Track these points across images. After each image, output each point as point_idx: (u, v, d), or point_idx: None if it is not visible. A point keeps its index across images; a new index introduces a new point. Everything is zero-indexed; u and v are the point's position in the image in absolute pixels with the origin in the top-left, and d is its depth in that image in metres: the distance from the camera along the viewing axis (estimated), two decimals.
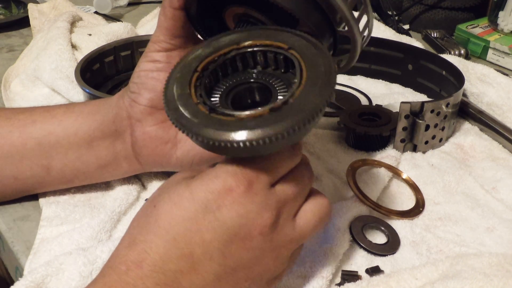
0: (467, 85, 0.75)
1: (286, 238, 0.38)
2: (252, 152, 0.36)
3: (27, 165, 0.50)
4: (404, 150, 0.64)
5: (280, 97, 0.38)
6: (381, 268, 0.47)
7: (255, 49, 0.40)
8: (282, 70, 0.40)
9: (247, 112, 0.35)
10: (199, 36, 0.50)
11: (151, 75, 0.49)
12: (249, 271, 0.37)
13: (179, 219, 0.35)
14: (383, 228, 0.52)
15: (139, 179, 0.57)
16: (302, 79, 0.37)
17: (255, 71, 0.41)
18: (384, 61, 0.82)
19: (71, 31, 0.87)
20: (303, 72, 0.37)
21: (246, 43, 0.40)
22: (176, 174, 0.40)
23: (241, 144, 0.34)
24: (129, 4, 1.18)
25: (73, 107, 0.52)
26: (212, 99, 0.39)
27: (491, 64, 0.92)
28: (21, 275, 0.44)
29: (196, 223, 0.35)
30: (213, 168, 0.37)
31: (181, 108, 0.37)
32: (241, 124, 0.35)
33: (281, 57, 0.40)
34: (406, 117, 0.62)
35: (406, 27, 1.05)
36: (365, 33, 0.50)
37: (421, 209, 0.55)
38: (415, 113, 0.62)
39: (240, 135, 0.34)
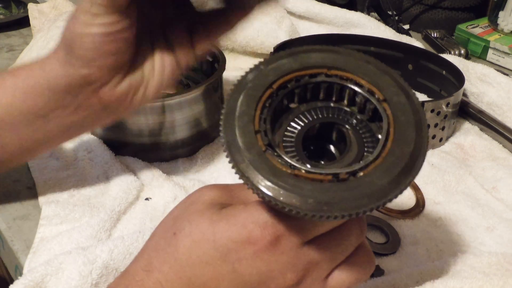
0: (467, 85, 0.74)
1: None
2: (291, 214, 0.31)
3: None
4: None
5: (351, 157, 0.33)
6: (382, 267, 0.47)
7: (347, 84, 0.34)
8: (367, 118, 0.35)
9: (305, 169, 0.31)
10: None
11: (107, 39, 0.41)
12: None
13: (197, 260, 0.34)
14: (383, 228, 0.52)
15: (139, 178, 0.57)
16: (384, 151, 0.31)
17: (338, 106, 0.35)
18: (384, 61, 0.81)
19: None
20: (387, 142, 0.32)
21: (340, 73, 0.34)
22: (202, 194, 0.37)
23: (283, 206, 0.30)
24: None
25: (3, 81, 0.47)
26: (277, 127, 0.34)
27: (491, 64, 0.92)
28: (20, 274, 0.44)
29: (214, 269, 0.33)
30: (243, 209, 0.34)
31: (237, 132, 0.32)
32: (293, 183, 0.30)
33: (370, 106, 0.34)
34: None
35: (406, 27, 1.05)
36: None
37: (421, 208, 0.55)
38: None
39: (286, 197, 0.30)
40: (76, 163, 0.59)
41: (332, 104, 0.36)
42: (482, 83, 0.74)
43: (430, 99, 0.76)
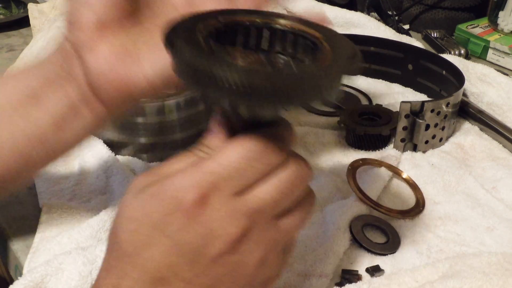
0: (467, 85, 0.74)
1: (269, 243, 0.34)
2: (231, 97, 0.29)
3: None
4: (404, 150, 0.64)
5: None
6: (381, 267, 0.47)
7: (285, 29, 0.35)
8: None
9: (240, 51, 0.30)
10: None
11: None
12: (232, 283, 0.34)
13: (142, 247, 0.32)
14: (383, 228, 0.52)
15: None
16: (320, 53, 0.32)
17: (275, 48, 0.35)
18: (384, 61, 0.82)
19: None
20: (323, 46, 0.32)
21: (280, 20, 0.35)
22: (130, 186, 0.35)
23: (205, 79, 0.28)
24: None
25: (20, 72, 0.44)
26: None
27: (491, 64, 0.92)
28: (20, 274, 0.44)
29: (158, 249, 0.32)
30: (166, 180, 0.33)
31: (178, 39, 0.30)
32: (223, 57, 0.29)
33: (305, 42, 0.35)
34: (406, 116, 0.62)
35: (406, 27, 1.05)
36: None
37: (421, 208, 0.55)
38: (415, 112, 0.62)
39: (212, 65, 0.28)
40: (76, 163, 0.59)
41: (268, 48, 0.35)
42: (482, 83, 0.74)
43: (430, 99, 0.76)
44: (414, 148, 0.65)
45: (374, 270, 0.47)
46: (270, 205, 0.33)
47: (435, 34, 0.98)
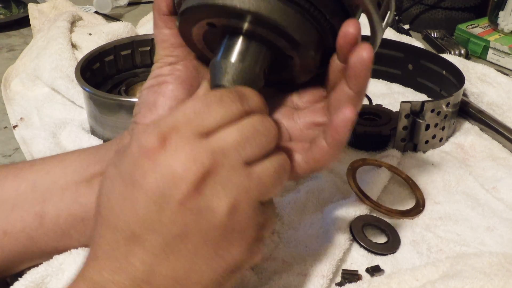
0: (467, 85, 0.74)
1: (239, 188, 0.33)
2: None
3: (18, 214, 0.43)
4: (404, 150, 0.64)
5: None
6: (382, 267, 0.47)
7: None
8: None
9: None
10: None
11: (152, 90, 0.43)
12: (204, 233, 0.32)
13: (114, 203, 0.33)
14: (383, 228, 0.52)
15: None
16: None
17: None
18: (384, 61, 0.82)
19: (71, 31, 0.87)
20: None
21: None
22: (111, 160, 0.36)
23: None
24: (129, 4, 1.18)
25: (79, 149, 0.48)
26: None
27: (491, 64, 0.92)
28: (20, 275, 0.44)
29: (129, 201, 0.32)
30: (130, 130, 0.34)
31: None
32: None
33: None
34: (407, 116, 0.62)
35: (406, 27, 1.05)
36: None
37: (421, 208, 0.55)
38: (416, 112, 0.62)
39: None
40: None
41: None
42: (482, 83, 0.74)
43: (430, 99, 0.76)
44: (414, 148, 0.65)
45: (374, 270, 0.47)
46: (234, 146, 0.33)
47: (435, 34, 0.98)
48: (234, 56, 0.37)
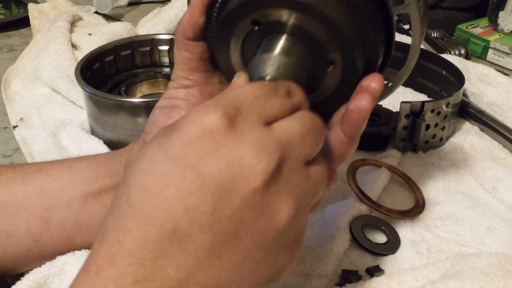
0: (467, 85, 0.75)
1: (299, 190, 0.29)
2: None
3: (23, 216, 0.43)
4: (404, 150, 0.64)
5: None
6: (381, 267, 0.47)
7: None
8: None
9: None
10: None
11: (165, 111, 0.42)
12: (260, 236, 0.28)
13: (154, 189, 0.27)
14: (383, 228, 0.52)
15: None
16: None
17: None
18: None
19: (71, 31, 0.87)
20: None
21: None
22: (151, 139, 0.31)
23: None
24: (129, 4, 1.18)
25: (87, 156, 0.48)
26: None
27: (491, 64, 0.92)
28: (22, 275, 0.44)
29: (176, 188, 0.27)
30: (186, 115, 0.29)
31: None
32: None
33: None
34: (407, 116, 0.62)
35: (406, 27, 1.05)
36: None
37: (421, 208, 0.55)
38: (416, 112, 0.62)
39: None
40: None
41: None
42: (482, 83, 0.74)
43: (430, 99, 0.76)
44: (414, 148, 0.65)
45: (374, 270, 0.47)
46: (299, 141, 0.30)
47: (435, 34, 0.98)
48: (278, 50, 0.35)
